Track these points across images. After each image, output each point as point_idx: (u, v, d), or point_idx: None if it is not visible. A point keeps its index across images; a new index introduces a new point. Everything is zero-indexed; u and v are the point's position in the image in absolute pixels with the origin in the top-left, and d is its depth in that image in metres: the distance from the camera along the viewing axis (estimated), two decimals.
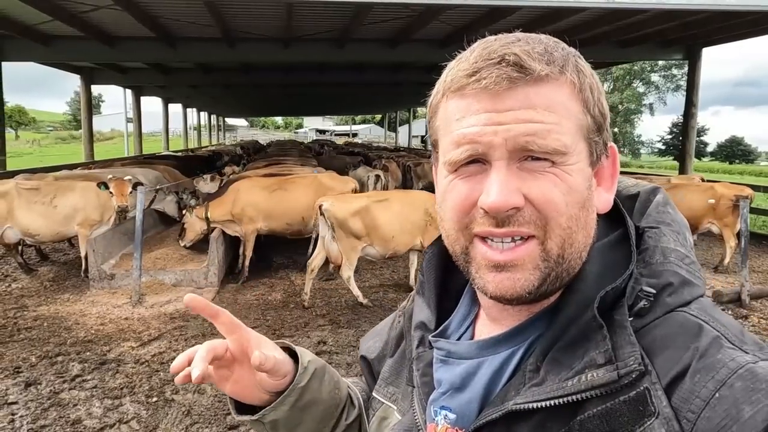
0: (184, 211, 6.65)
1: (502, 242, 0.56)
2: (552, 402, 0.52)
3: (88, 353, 4.45)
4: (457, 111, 0.57)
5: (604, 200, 0.61)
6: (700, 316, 0.53)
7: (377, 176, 9.70)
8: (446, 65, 0.61)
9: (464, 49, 0.60)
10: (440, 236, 0.67)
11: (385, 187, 11.68)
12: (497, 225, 0.56)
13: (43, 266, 7.24)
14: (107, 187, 6.35)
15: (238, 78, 14.57)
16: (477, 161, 0.57)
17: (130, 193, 6.46)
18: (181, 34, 9.46)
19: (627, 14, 8.56)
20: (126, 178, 6.60)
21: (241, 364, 0.69)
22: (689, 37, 11.18)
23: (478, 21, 8.92)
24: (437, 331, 0.68)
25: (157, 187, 7.21)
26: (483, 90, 0.55)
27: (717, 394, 0.47)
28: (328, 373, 0.78)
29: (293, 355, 0.74)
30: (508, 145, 0.54)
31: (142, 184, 6.86)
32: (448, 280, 0.72)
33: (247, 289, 6.33)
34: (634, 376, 0.50)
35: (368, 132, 69.27)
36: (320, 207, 5.49)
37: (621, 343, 0.52)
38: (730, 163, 53.67)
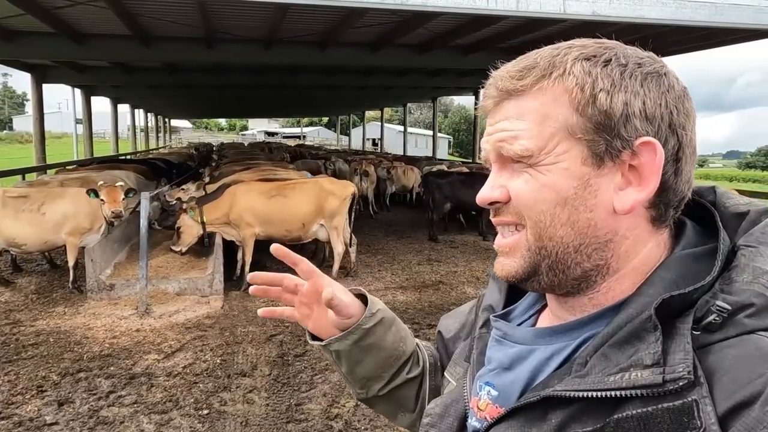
0: (181, 213, 6.39)
1: (503, 231, 0.65)
2: (591, 394, 0.52)
3: (111, 368, 4.24)
4: None
5: (627, 200, 0.58)
6: None
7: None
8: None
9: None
10: None
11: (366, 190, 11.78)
12: (493, 215, 0.65)
13: (20, 278, 6.77)
14: (97, 195, 6.04)
15: (206, 79, 14.13)
16: None
17: (123, 199, 6.18)
18: (158, 33, 9.10)
19: (603, 26, 9.08)
20: (118, 184, 6.30)
21: (318, 304, 0.84)
22: (647, 48, 11.98)
23: (463, 27, 9.17)
24: (500, 313, 0.73)
25: (156, 192, 6.92)
26: (484, 108, 0.66)
27: None
28: (396, 325, 0.87)
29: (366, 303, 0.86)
30: (492, 151, 0.63)
31: (134, 190, 6.59)
32: None
33: (253, 296, 6.19)
34: (681, 384, 0.48)
35: (316, 134, 68.66)
36: None
37: (674, 349, 0.51)
38: None
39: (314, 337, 0.87)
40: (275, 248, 0.82)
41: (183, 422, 3.47)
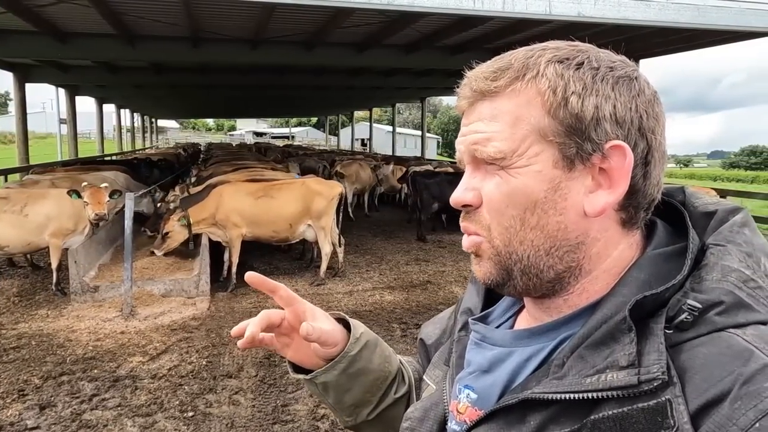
0: (168, 218, 6.32)
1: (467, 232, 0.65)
2: (568, 396, 0.53)
3: (95, 371, 4.19)
4: None
5: (597, 203, 0.58)
6: (754, 342, 0.50)
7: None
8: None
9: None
10: None
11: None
12: (462, 219, 0.65)
13: (2, 280, 6.65)
14: (79, 196, 5.96)
15: (193, 78, 14.00)
16: None
17: (107, 201, 6.10)
18: (143, 33, 9.00)
19: (588, 27, 9.16)
20: (103, 185, 6.22)
21: (298, 333, 0.77)
22: (631, 49, 12.10)
23: (450, 28, 9.19)
24: (478, 316, 0.73)
25: (140, 192, 6.85)
26: (459, 108, 0.65)
27: (757, 424, 0.45)
28: (379, 346, 0.85)
29: (349, 326, 0.83)
30: (466, 152, 0.63)
31: (119, 192, 6.51)
32: None
33: (240, 297, 6.17)
34: (655, 384, 0.49)
35: (305, 134, 68.40)
36: None
37: (648, 349, 0.51)
38: None
39: (296, 369, 0.83)
40: (249, 277, 0.76)
41: (168, 425, 3.44)
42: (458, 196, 0.64)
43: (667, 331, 0.53)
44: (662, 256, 0.60)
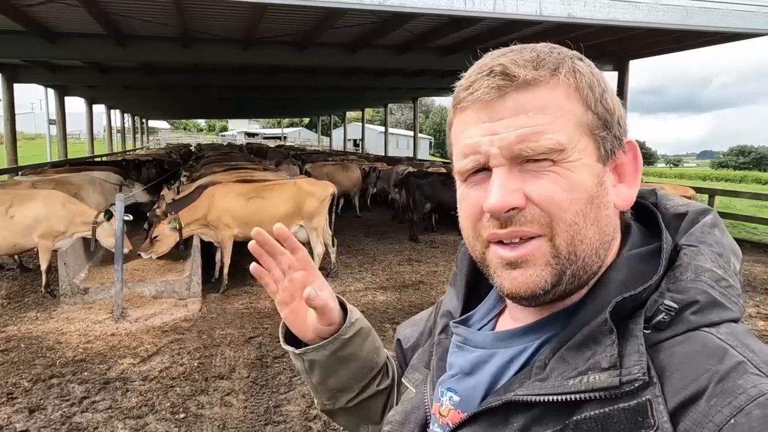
0: (161, 221, 6.28)
1: (511, 241, 0.58)
2: (551, 398, 0.53)
3: (85, 373, 4.15)
4: (461, 124, 0.61)
5: (626, 196, 0.60)
6: (727, 340, 0.51)
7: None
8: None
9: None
10: None
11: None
12: (501, 226, 0.58)
13: None
14: (111, 216, 5.96)
15: (184, 79, 13.93)
16: (483, 169, 0.60)
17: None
18: (133, 33, 8.95)
19: (578, 28, 9.22)
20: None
21: (300, 297, 0.78)
22: (620, 50, 12.20)
23: (442, 28, 9.22)
24: (460, 319, 0.72)
25: (131, 193, 6.80)
26: (477, 101, 0.58)
27: (732, 420, 0.45)
28: (371, 336, 0.86)
29: (346, 311, 0.83)
30: (504, 154, 0.57)
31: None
32: (481, 274, 0.69)
33: (231, 298, 6.14)
34: (636, 385, 0.50)
35: (297, 135, 68.21)
36: None
37: (629, 350, 0.52)
38: None
39: (288, 341, 0.83)
40: (278, 229, 0.76)
41: (159, 427, 3.42)
42: (504, 199, 0.56)
43: (645, 331, 0.53)
44: (637, 257, 0.61)
